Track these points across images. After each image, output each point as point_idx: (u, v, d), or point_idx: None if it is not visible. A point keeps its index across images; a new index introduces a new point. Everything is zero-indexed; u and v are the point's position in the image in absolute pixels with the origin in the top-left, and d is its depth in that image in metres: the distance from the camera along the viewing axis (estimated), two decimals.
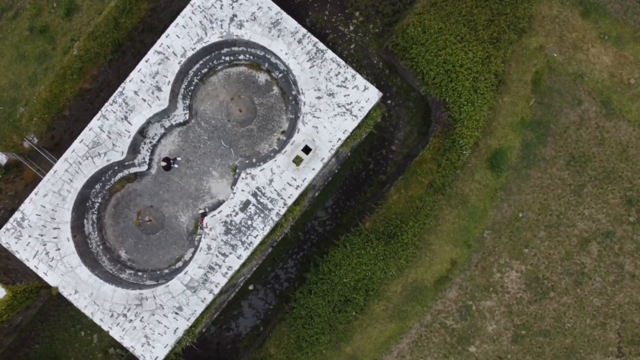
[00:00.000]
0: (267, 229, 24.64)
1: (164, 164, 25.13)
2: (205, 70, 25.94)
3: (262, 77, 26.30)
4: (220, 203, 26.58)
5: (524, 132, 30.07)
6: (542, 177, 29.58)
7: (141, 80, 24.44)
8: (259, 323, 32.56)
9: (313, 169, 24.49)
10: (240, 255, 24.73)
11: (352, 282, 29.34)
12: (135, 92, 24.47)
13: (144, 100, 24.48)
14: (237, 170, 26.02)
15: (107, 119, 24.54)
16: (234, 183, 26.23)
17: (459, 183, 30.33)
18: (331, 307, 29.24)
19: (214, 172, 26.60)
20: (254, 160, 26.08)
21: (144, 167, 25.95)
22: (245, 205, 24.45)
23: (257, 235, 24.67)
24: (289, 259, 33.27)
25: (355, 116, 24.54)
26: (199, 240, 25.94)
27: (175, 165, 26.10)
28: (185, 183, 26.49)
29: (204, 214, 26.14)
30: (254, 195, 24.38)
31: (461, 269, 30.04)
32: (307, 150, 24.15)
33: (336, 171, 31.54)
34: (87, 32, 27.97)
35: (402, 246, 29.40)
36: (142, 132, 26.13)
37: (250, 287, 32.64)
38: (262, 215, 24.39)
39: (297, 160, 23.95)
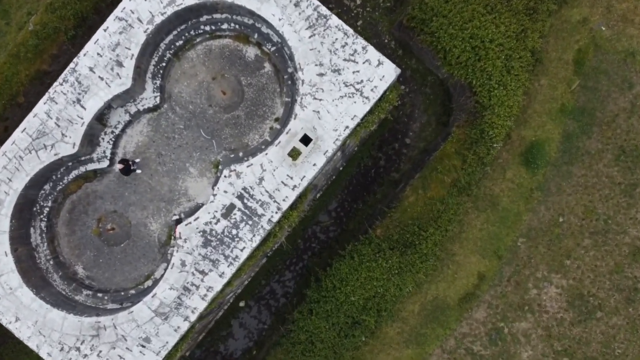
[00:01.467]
0: (257, 240, 18.76)
1: (120, 166, 19.20)
2: (180, 42, 20.07)
3: (251, 52, 20.44)
4: (199, 207, 20.61)
5: (564, 121, 25.59)
6: (586, 175, 25.53)
7: (98, 54, 18.57)
8: (252, 345, 28.08)
9: (314, 164, 18.60)
10: (222, 273, 18.81)
11: (361, 301, 24.64)
12: (91, 69, 18.57)
13: (102, 79, 18.62)
14: (220, 167, 20.09)
15: (56, 103, 18.67)
16: (216, 182, 20.26)
17: (488, 182, 25.78)
18: (336, 331, 24.81)
19: (191, 169, 20.67)
20: (241, 154, 20.17)
21: (105, 164, 20.09)
22: (229, 210, 18.51)
23: (244, 247, 18.76)
24: (286, 271, 28.69)
25: (366, 98, 18.72)
26: (172, 254, 20.02)
27: (138, 171, 20.19)
28: (156, 183, 20.56)
29: (179, 221, 20.19)
30: (240, 197, 18.48)
31: (490, 285, 25.55)
32: (306, 141, 18.29)
33: (341, 168, 26.62)
34: (45, 4, 22.52)
35: (420, 257, 24.71)
36: (101, 120, 20.21)
37: (242, 304, 28.15)
38: (250, 222, 18.51)
39: (294, 154, 18.08)
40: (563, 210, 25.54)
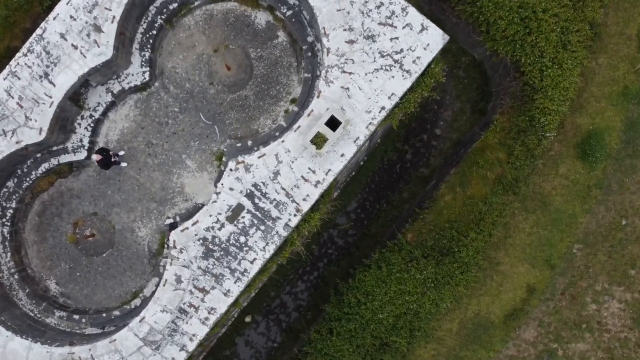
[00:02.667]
0: (271, 250, 14.48)
1: (97, 157, 14.85)
2: (175, 5, 15.79)
3: (262, 18, 16.15)
4: (199, 209, 16.23)
5: (627, 106, 21.83)
6: None
7: (71, 17, 14.29)
8: None
9: (342, 155, 14.32)
10: (228, 290, 14.51)
11: (390, 319, 20.82)
12: (62, 36, 14.26)
13: (75, 48, 14.33)
14: (225, 159, 15.71)
15: (18, 78, 14.34)
16: (220, 178, 15.86)
17: (538, 178, 22.09)
18: (361, 355, 21.02)
19: (188, 161, 16.30)
20: (249, 142, 15.80)
21: (82, 155, 15.85)
22: (235, 212, 14.17)
23: (255, 259, 14.44)
24: (298, 281, 25.20)
25: (407, 72, 14.50)
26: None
27: (123, 164, 15.84)
28: (145, 179, 16.20)
29: (173, 226, 15.80)
30: (250, 196, 14.17)
31: (542, 299, 21.91)
32: (333, 124, 13.85)
33: (361, 163, 23.40)
34: None
35: (460, 267, 20.81)
36: (76, 101, 15.84)
37: (248, 319, 24.57)
38: (262, 227, 14.28)
39: (319, 141, 13.76)
40: (626, 211, 21.77)
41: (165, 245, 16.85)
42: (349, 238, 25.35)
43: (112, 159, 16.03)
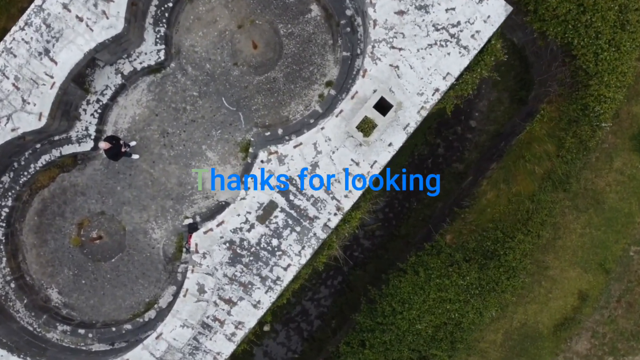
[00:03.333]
0: (307, 254, 12.24)
1: (105, 146, 12.53)
2: None
3: None
4: (222, 207, 13.87)
5: None
6: None
7: None
8: None
9: (390, 144, 12.17)
10: (258, 302, 12.26)
11: (430, 330, 18.61)
12: (65, 6, 12.06)
13: (81, 20, 12.11)
14: (252, 150, 13.35)
15: (14, 56, 12.16)
16: (246, 171, 13.51)
17: (590, 173, 19.94)
18: None
19: (209, 152, 14.00)
20: (280, 131, 13.50)
21: (88, 146, 13.57)
22: (267, 211, 11.89)
23: (290, 265, 12.20)
24: (321, 286, 23.01)
25: (464, 48, 12.35)
26: (185, 274, 13.28)
27: (135, 156, 13.51)
28: (160, 173, 13.90)
29: (193, 227, 13.43)
30: (284, 192, 12.03)
31: (595, 307, 19.88)
32: (381, 108, 11.46)
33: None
34: None
35: (506, 272, 18.50)
36: (81, 83, 13.53)
37: (266, 328, 22.32)
38: (297, 228, 12.14)
39: (367, 127, 11.55)
40: None
41: (184, 249, 14.49)
42: (376, 239, 23.16)
43: (122, 149, 13.69)
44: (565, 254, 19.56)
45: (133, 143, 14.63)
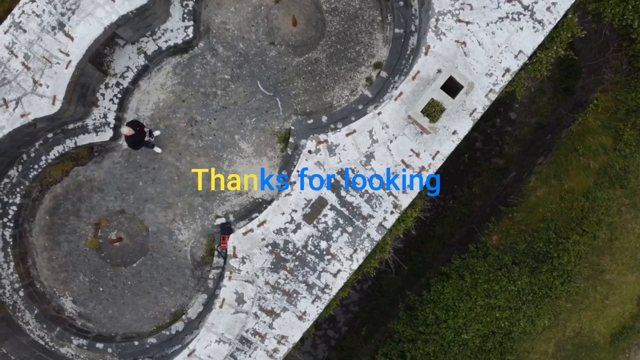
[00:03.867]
0: (360, 259, 10.46)
1: (127, 132, 10.67)
2: None
3: None
4: (257, 206, 11.98)
5: None
6: None
7: None
8: None
9: (454, 132, 10.40)
10: (304, 313, 10.45)
11: (477, 340, 16.94)
12: None
13: None
14: (293, 139, 11.48)
15: (24, 31, 10.36)
16: (286, 164, 11.62)
17: None
18: None
19: (243, 143, 12.15)
20: (324, 119, 11.64)
21: (106, 135, 11.71)
22: (316, 208, 10.07)
23: (340, 271, 10.37)
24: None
25: (539, 22, 10.65)
26: (219, 282, 11.40)
27: (157, 150, 11.73)
28: (187, 166, 12.03)
29: (226, 227, 11.53)
30: (335, 187, 10.09)
31: None
32: (448, 90, 9.56)
33: None
34: None
35: (560, 276, 16.79)
36: (99, 64, 11.53)
37: None
38: (350, 229, 10.62)
39: (433, 111, 9.78)
40: None
41: (215, 252, 12.64)
42: (409, 240, 21.34)
43: (146, 138, 11.80)
44: (623, 256, 17.75)
45: (157, 132, 12.77)
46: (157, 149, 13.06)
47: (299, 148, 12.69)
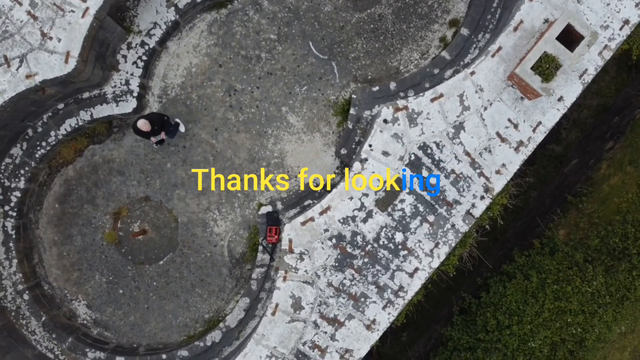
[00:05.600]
0: (442, 254, 8.03)
1: (144, 126, 8.16)
2: None
3: None
4: (310, 191, 9.47)
5: None
6: None
7: None
8: None
9: (559, 99, 7.70)
10: (373, 321, 8.04)
11: (545, 349, 14.59)
12: None
13: None
14: (354, 111, 8.94)
15: None
16: (346, 140, 9.12)
17: None
18: None
19: (291, 117, 9.75)
20: (392, 86, 9.03)
21: (128, 106, 9.09)
22: (391, 193, 7.40)
23: (417, 269, 7.94)
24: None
25: None
26: (263, 283, 8.91)
27: (181, 129, 9.27)
28: (224, 144, 9.65)
29: (273, 218, 9.02)
30: (414, 165, 7.85)
31: None
32: (565, 41, 7.03)
33: None
34: None
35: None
36: (121, 19, 8.97)
37: None
38: (430, 218, 8.60)
39: (547, 68, 7.15)
40: None
41: (260, 247, 10.17)
42: None
43: (161, 135, 9.37)
44: None
45: (182, 128, 10.28)
46: (182, 128, 10.59)
47: (362, 121, 10.25)
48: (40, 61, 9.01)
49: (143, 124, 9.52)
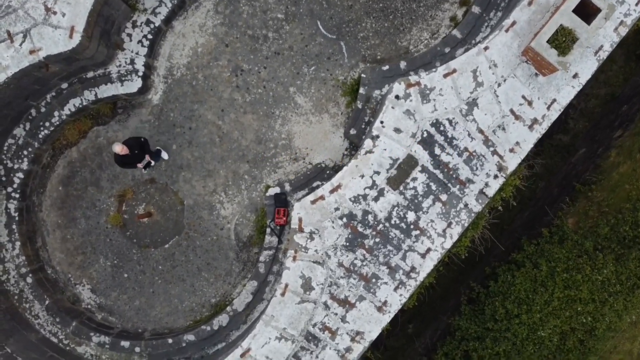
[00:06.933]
0: (454, 234, 7.75)
1: (120, 149, 8.02)
2: None
3: None
4: (320, 172, 9.25)
5: None
6: None
7: None
8: None
9: (574, 75, 7.54)
10: (384, 303, 7.82)
11: (555, 338, 14.42)
12: None
13: None
14: (364, 90, 8.72)
15: None
16: (355, 120, 8.88)
17: None
18: None
19: (299, 97, 9.54)
20: (402, 64, 8.82)
21: (133, 85, 8.83)
22: (403, 170, 7.44)
23: (429, 250, 7.64)
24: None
25: None
26: (271, 266, 8.68)
27: (164, 155, 8.98)
28: (231, 125, 9.48)
29: (281, 199, 8.81)
30: (427, 143, 7.70)
31: None
32: (583, 12, 6.83)
33: None
34: None
35: None
36: None
37: None
38: (443, 197, 8.53)
39: (563, 41, 6.97)
40: None
41: (267, 229, 9.95)
42: None
43: (140, 164, 9.14)
44: None
45: (165, 156, 10.06)
46: (164, 155, 10.35)
47: (371, 100, 10.04)
48: (44, 36, 8.81)
49: (120, 148, 9.24)
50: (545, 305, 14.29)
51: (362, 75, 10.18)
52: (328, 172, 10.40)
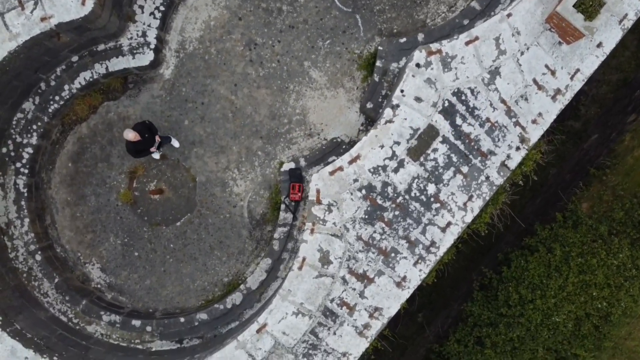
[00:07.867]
0: (476, 208, 7.48)
1: (132, 137, 7.80)
2: None
3: None
4: (335, 147, 9.00)
5: None
6: None
7: None
8: None
9: (598, 45, 7.22)
10: (403, 278, 7.52)
11: (569, 324, 14.30)
12: None
13: None
14: (380, 63, 8.47)
15: None
16: (372, 94, 8.62)
17: None
18: None
19: (314, 72, 9.30)
20: (420, 37, 8.62)
21: (145, 58, 8.60)
22: (424, 141, 7.21)
23: (450, 224, 7.40)
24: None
25: None
26: (286, 243, 8.43)
27: (175, 143, 8.75)
28: (245, 100, 9.23)
29: (297, 174, 8.56)
30: (449, 113, 7.55)
31: None
32: None
33: None
34: None
35: None
36: None
37: None
38: (464, 169, 8.18)
39: (590, 5, 6.64)
40: None
41: (282, 206, 9.69)
42: None
43: (152, 148, 8.89)
44: None
45: (176, 144, 9.81)
46: (175, 143, 10.11)
47: (388, 74, 9.79)
48: (55, 3, 8.57)
49: (133, 135, 8.99)
50: (559, 291, 14.04)
51: (379, 47, 9.93)
52: (344, 147, 10.15)
